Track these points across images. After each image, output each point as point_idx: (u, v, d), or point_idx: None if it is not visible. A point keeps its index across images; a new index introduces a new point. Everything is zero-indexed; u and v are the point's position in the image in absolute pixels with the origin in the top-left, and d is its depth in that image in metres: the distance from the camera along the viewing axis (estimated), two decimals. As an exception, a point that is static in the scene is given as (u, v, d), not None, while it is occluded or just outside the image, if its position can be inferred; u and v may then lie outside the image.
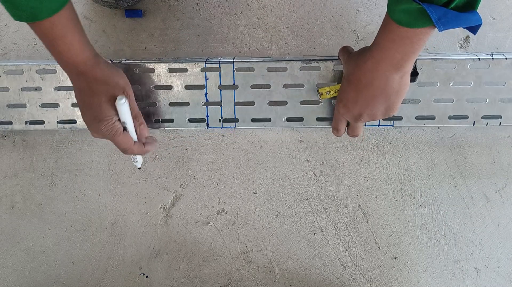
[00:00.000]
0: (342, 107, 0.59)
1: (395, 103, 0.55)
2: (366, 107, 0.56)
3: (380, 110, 0.56)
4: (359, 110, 0.57)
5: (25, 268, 0.76)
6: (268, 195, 0.74)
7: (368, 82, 0.53)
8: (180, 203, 0.74)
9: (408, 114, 0.65)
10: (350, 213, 0.73)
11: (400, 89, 0.53)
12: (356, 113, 0.57)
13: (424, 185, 0.73)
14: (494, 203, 0.72)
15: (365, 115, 0.57)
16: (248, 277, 0.75)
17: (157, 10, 0.72)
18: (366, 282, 0.74)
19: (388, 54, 0.50)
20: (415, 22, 0.46)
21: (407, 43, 0.48)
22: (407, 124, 0.66)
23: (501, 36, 0.71)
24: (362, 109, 0.56)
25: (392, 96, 0.54)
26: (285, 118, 0.66)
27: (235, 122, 0.66)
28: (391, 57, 0.50)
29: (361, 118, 0.57)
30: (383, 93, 0.53)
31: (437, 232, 0.73)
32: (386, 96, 0.54)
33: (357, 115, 0.57)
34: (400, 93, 0.54)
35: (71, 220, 0.75)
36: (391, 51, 0.50)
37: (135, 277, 0.75)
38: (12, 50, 0.73)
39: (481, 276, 0.73)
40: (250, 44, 0.72)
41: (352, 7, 0.71)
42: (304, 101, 0.65)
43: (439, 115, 0.65)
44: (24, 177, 0.74)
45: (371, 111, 0.56)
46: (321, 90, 0.63)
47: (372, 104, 0.55)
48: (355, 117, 0.58)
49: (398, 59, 0.50)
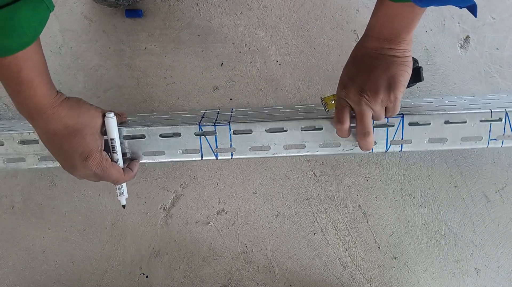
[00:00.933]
0: (342, 88, 0.55)
1: (397, 76, 0.52)
2: (366, 80, 0.53)
3: (382, 82, 0.52)
4: (359, 85, 0.53)
5: (25, 268, 0.76)
6: (268, 195, 0.74)
7: (363, 54, 0.54)
8: (180, 203, 0.74)
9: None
10: (350, 213, 0.73)
11: (400, 63, 0.52)
12: (357, 90, 0.53)
13: (424, 185, 0.73)
14: (494, 203, 0.72)
15: (366, 90, 0.52)
16: (248, 277, 0.75)
17: (157, 10, 0.72)
18: (366, 282, 0.74)
19: (376, 28, 0.52)
20: None
21: (392, 19, 0.50)
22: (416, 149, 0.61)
23: (501, 36, 0.71)
24: (363, 80, 0.53)
25: (392, 68, 0.52)
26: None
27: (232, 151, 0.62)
28: (379, 31, 0.52)
29: (364, 95, 0.53)
30: (381, 63, 0.52)
31: (437, 232, 0.73)
32: (385, 66, 0.52)
33: (359, 92, 0.53)
34: (401, 67, 0.52)
35: (71, 220, 0.75)
36: (378, 26, 0.52)
37: (135, 277, 0.75)
38: (12, 50, 0.73)
39: (481, 276, 0.73)
40: (250, 44, 0.72)
41: (352, 7, 0.71)
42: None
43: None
44: (24, 177, 0.74)
45: (373, 84, 0.52)
46: (325, 100, 0.59)
47: (372, 76, 0.52)
48: (357, 96, 0.53)
49: (387, 33, 0.51)
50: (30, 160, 0.62)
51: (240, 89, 0.72)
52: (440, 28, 0.71)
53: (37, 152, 0.62)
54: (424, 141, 0.60)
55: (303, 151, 0.61)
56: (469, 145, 0.60)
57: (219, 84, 0.72)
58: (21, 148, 0.61)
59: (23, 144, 0.61)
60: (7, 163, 0.62)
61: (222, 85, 0.72)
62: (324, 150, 0.60)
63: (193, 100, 0.73)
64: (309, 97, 0.72)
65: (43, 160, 0.62)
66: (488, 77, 0.71)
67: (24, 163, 0.62)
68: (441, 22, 0.71)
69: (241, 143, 0.60)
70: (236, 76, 0.72)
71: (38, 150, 0.61)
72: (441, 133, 0.60)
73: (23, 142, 0.61)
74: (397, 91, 0.52)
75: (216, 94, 0.72)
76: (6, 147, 0.61)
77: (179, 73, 0.72)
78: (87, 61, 0.72)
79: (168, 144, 0.60)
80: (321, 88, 0.72)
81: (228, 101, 0.72)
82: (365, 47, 0.54)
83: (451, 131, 0.60)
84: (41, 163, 0.62)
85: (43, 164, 0.62)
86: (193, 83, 0.72)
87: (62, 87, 0.73)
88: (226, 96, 0.72)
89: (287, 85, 0.72)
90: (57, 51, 0.72)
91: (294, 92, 0.72)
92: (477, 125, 0.59)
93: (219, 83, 0.72)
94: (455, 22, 0.71)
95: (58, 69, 0.72)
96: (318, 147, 0.60)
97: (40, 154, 0.62)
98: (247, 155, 0.61)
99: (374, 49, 0.53)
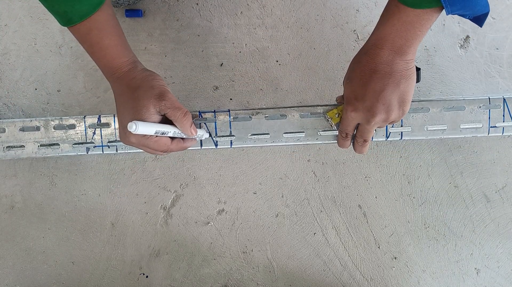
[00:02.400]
0: (351, 108, 0.53)
1: (407, 93, 0.50)
2: (377, 99, 0.50)
3: (393, 101, 0.50)
4: (370, 104, 0.50)
5: (25, 268, 0.76)
6: (268, 195, 0.74)
7: (372, 71, 0.49)
8: (180, 203, 0.74)
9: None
10: (350, 213, 0.73)
11: (409, 76, 0.49)
12: (368, 109, 0.51)
13: (424, 185, 0.73)
14: (494, 203, 0.72)
15: (377, 109, 0.50)
16: (248, 277, 0.75)
17: (157, 10, 0.72)
18: (366, 282, 0.74)
19: (389, 39, 0.48)
20: (420, 1, 0.44)
21: (409, 28, 0.46)
22: (416, 137, 0.61)
23: (501, 36, 0.71)
24: (374, 102, 0.50)
25: (402, 83, 0.49)
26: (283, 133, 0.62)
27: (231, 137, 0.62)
28: (392, 41, 0.48)
29: (374, 115, 0.51)
30: (391, 79, 0.49)
31: (437, 232, 0.73)
32: (395, 82, 0.49)
33: (369, 112, 0.51)
34: (409, 81, 0.50)
35: (71, 220, 0.75)
36: (391, 35, 0.48)
37: (135, 277, 0.75)
38: (12, 50, 0.73)
39: (481, 276, 0.73)
40: (250, 44, 0.72)
41: (352, 7, 0.71)
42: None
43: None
44: (24, 177, 0.74)
45: (384, 104, 0.50)
46: (329, 115, 0.59)
47: (383, 94, 0.49)
48: (368, 116, 0.52)
49: (400, 44, 0.47)
50: (30, 147, 0.63)
51: (240, 89, 0.72)
52: (440, 28, 0.71)
53: (37, 139, 0.62)
54: (424, 129, 0.61)
55: (303, 140, 0.61)
56: (469, 133, 0.61)
57: (219, 84, 0.72)
58: (22, 135, 0.62)
59: (23, 131, 0.62)
60: (6, 151, 0.63)
61: (222, 85, 0.72)
62: (323, 138, 0.61)
63: (193, 100, 0.73)
64: (309, 97, 0.72)
65: (43, 146, 0.62)
66: (488, 77, 0.71)
67: (23, 151, 0.63)
68: (441, 22, 0.71)
69: (240, 130, 0.61)
70: (236, 76, 0.72)
71: (38, 137, 0.62)
72: (441, 121, 0.61)
73: (23, 129, 0.62)
74: (406, 107, 0.51)
75: (216, 94, 0.72)
76: (7, 133, 0.62)
77: (179, 73, 0.72)
78: (87, 61, 0.72)
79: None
80: (321, 88, 0.72)
81: (228, 101, 0.72)
82: (376, 61, 0.50)
83: (451, 118, 0.61)
84: (41, 150, 0.63)
85: (42, 152, 0.63)
86: (193, 83, 0.72)
87: (62, 87, 0.73)
88: (226, 96, 0.72)
89: (287, 85, 0.72)
90: (57, 51, 0.72)
91: (294, 92, 0.72)
92: (476, 111, 0.61)
93: (219, 83, 0.72)
94: (455, 22, 0.71)
95: (58, 69, 0.72)
96: (318, 135, 0.61)
97: (40, 141, 0.62)
98: (246, 142, 0.62)
99: (385, 64, 0.49)
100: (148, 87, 0.51)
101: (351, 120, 0.55)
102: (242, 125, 0.61)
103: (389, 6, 0.48)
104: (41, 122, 0.63)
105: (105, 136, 0.63)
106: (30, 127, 0.63)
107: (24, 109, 0.73)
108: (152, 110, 0.51)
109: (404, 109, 0.51)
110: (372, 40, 0.50)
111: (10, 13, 0.72)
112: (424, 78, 0.71)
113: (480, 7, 0.45)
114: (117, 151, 0.63)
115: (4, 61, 0.73)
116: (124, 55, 0.52)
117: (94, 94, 0.73)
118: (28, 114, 0.73)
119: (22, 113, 0.73)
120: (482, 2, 0.44)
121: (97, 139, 0.63)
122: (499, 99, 0.61)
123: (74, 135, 0.63)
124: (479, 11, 0.45)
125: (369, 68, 0.50)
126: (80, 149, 0.63)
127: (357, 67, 0.52)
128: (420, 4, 0.45)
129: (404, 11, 0.46)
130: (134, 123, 0.46)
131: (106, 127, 0.63)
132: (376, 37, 0.50)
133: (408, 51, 0.48)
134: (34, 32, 0.72)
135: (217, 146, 0.62)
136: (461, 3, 0.43)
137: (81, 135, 0.63)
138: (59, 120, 0.63)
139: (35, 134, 0.63)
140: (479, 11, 0.45)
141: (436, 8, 0.45)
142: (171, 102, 0.51)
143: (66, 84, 0.73)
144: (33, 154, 0.63)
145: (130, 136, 0.51)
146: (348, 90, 0.53)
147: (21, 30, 0.73)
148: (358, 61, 0.52)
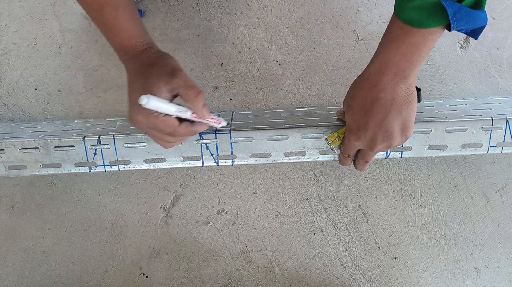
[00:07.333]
0: (354, 138, 0.53)
1: (409, 119, 0.50)
2: (380, 128, 0.50)
3: (396, 129, 0.50)
4: (373, 134, 0.51)
5: (25, 268, 0.76)
6: (268, 195, 0.74)
7: (374, 99, 0.49)
8: (180, 203, 0.74)
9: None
10: (350, 213, 0.73)
11: (411, 102, 0.49)
12: (370, 138, 0.51)
13: (424, 185, 0.73)
14: (494, 203, 0.72)
15: (380, 138, 0.51)
16: (248, 277, 0.75)
17: (157, 10, 0.72)
18: (366, 282, 0.74)
19: (393, 63, 0.47)
20: (427, 20, 0.44)
21: (413, 50, 0.46)
22: (416, 155, 0.61)
23: (501, 36, 0.71)
24: (376, 132, 0.50)
25: (404, 110, 0.49)
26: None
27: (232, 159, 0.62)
28: (396, 65, 0.47)
29: (376, 144, 0.51)
30: (393, 107, 0.49)
31: (437, 232, 0.73)
32: (397, 110, 0.49)
33: (372, 141, 0.52)
34: (411, 106, 0.49)
35: (71, 220, 0.75)
36: (396, 59, 0.47)
37: (135, 277, 0.75)
38: (12, 50, 0.73)
39: (481, 276, 0.73)
40: (250, 44, 0.72)
41: (352, 7, 0.71)
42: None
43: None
44: (24, 177, 0.74)
45: (387, 132, 0.50)
46: (329, 138, 0.59)
47: (385, 123, 0.49)
48: (370, 144, 0.52)
49: (404, 68, 0.47)
50: (32, 167, 0.62)
51: (240, 89, 0.72)
52: (440, 28, 0.71)
53: (39, 159, 0.62)
54: (425, 149, 0.60)
55: (304, 158, 0.61)
56: (469, 151, 0.61)
57: (219, 84, 0.72)
58: (22, 155, 0.62)
59: (24, 151, 0.62)
60: (9, 171, 0.62)
61: (222, 85, 0.72)
62: (324, 157, 0.61)
63: (193, 100, 0.73)
64: (309, 97, 0.72)
65: (45, 167, 0.62)
66: (488, 77, 0.71)
67: (26, 170, 0.62)
68: (441, 22, 0.71)
69: (242, 150, 0.61)
70: (236, 76, 0.72)
71: (39, 157, 0.62)
72: (442, 141, 0.60)
73: (24, 149, 0.62)
74: (409, 133, 0.51)
75: (216, 94, 0.72)
76: (8, 154, 0.62)
77: (179, 73, 0.72)
78: (87, 61, 0.72)
79: (169, 151, 0.61)
80: (321, 88, 0.72)
81: (228, 101, 0.72)
82: (378, 89, 0.49)
83: (452, 139, 0.60)
84: (43, 169, 0.62)
85: (45, 171, 0.62)
86: (193, 83, 0.72)
87: (62, 87, 0.73)
88: (226, 96, 0.72)
89: (287, 85, 0.72)
90: (57, 51, 0.72)
91: (294, 92, 0.72)
92: (478, 132, 0.60)
93: (219, 83, 0.72)
94: (455, 22, 0.71)
95: (58, 69, 0.72)
96: (319, 154, 0.61)
97: (41, 161, 0.62)
98: (248, 161, 0.62)
99: (387, 90, 0.48)
100: (162, 65, 0.50)
101: (354, 147, 0.55)
102: (244, 145, 0.61)
103: (391, 29, 0.47)
104: (40, 143, 0.62)
105: (106, 157, 0.62)
106: (30, 149, 0.62)
107: (24, 109, 0.73)
108: (163, 88, 0.48)
109: (407, 135, 0.51)
110: (374, 65, 0.49)
111: (10, 13, 0.72)
112: (424, 79, 0.71)
113: (481, 21, 0.45)
114: (119, 169, 0.63)
115: (4, 61, 0.73)
116: (135, 36, 0.51)
117: (94, 94, 0.73)
118: (28, 114, 0.73)
119: (22, 114, 0.73)
120: (483, 16, 0.45)
121: (98, 159, 0.62)
122: (502, 120, 0.59)
123: (75, 156, 0.62)
124: (479, 24, 0.45)
125: (371, 96, 0.49)
126: (82, 168, 0.63)
127: (358, 94, 0.51)
128: (427, 23, 0.44)
129: (410, 32, 0.45)
130: (147, 97, 0.44)
131: (107, 148, 0.62)
132: (379, 61, 0.49)
133: (411, 75, 0.48)
134: (34, 32, 0.72)
135: (218, 165, 0.62)
136: (466, 19, 0.43)
137: (82, 156, 0.62)
138: (58, 141, 0.62)
139: (36, 155, 0.62)
140: (479, 24, 0.45)
141: (441, 26, 0.45)
142: (184, 80, 0.48)
143: (66, 84, 0.73)
144: (36, 172, 0.62)
145: (138, 114, 0.48)
146: (349, 119, 0.53)
147: (21, 30, 0.73)
148: (360, 87, 0.51)
